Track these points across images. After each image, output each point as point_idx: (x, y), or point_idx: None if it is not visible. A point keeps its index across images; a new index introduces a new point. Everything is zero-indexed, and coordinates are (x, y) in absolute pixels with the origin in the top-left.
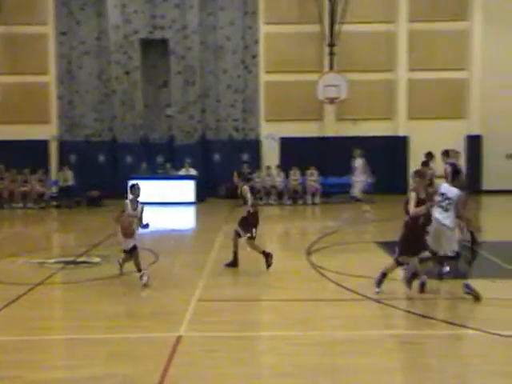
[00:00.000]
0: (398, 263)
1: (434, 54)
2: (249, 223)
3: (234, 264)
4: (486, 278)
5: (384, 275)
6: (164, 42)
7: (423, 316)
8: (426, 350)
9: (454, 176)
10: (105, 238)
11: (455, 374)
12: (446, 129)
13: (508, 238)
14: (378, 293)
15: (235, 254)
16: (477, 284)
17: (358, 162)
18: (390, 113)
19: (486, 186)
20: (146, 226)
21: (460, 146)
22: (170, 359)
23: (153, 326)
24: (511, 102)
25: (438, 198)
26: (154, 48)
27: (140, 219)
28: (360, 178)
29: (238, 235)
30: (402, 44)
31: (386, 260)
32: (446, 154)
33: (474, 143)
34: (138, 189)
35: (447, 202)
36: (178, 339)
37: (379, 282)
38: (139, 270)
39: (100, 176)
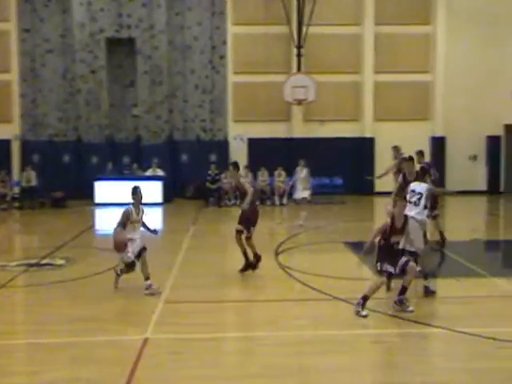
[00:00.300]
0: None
1: (399, 57)
2: (250, 221)
3: (249, 265)
4: (450, 277)
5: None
6: (131, 41)
7: (389, 315)
8: (392, 349)
9: (424, 174)
10: (69, 239)
11: (421, 372)
12: (411, 130)
13: (470, 238)
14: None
15: (245, 254)
16: (442, 283)
17: (302, 173)
18: (357, 114)
19: (448, 186)
20: (155, 231)
21: (425, 147)
22: (137, 362)
23: (118, 329)
24: (473, 104)
25: (408, 196)
26: (121, 47)
27: (144, 224)
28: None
29: (239, 233)
30: (369, 46)
31: (353, 260)
32: (420, 154)
33: (438, 144)
34: (140, 192)
35: (417, 197)
36: (145, 342)
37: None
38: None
39: (64, 176)
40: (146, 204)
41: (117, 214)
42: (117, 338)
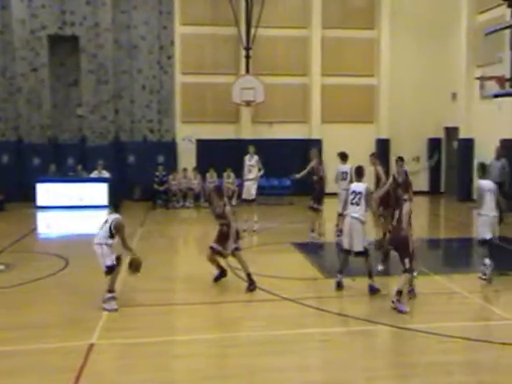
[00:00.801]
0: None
1: (345, 61)
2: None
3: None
4: (395, 275)
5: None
6: (74, 39)
7: (337, 314)
8: (339, 347)
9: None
10: (9, 244)
11: (367, 368)
12: (358, 132)
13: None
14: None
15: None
16: (386, 281)
17: (253, 160)
18: (305, 116)
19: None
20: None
21: (371, 149)
22: (82, 369)
23: (63, 335)
24: (416, 108)
25: (350, 198)
26: (64, 45)
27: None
28: (253, 175)
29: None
30: (316, 49)
31: (302, 261)
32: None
33: (383, 146)
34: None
35: (358, 196)
36: (90, 347)
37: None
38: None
39: (4, 178)
40: (91, 206)
41: (59, 217)
42: (61, 345)
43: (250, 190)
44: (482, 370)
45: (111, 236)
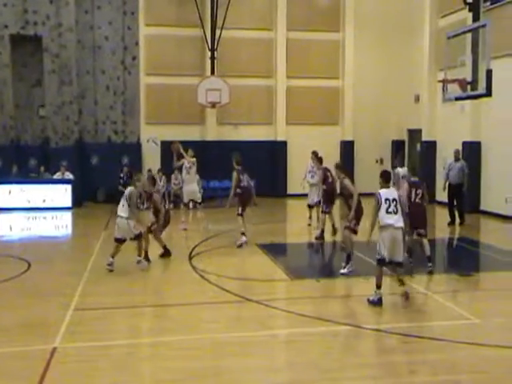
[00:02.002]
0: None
1: (310, 63)
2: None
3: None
4: (358, 276)
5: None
6: (37, 39)
7: (302, 315)
8: (303, 347)
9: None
10: None
11: (331, 369)
12: (323, 134)
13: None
14: None
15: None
16: (349, 282)
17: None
18: (270, 118)
19: (357, 189)
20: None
21: (335, 151)
22: (44, 374)
23: (24, 339)
24: (380, 110)
25: None
26: (26, 45)
27: None
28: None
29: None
30: (281, 51)
31: (267, 262)
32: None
33: (347, 148)
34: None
35: (394, 204)
36: (53, 351)
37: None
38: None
39: None
40: (54, 208)
41: (21, 219)
42: (22, 349)
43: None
44: (445, 369)
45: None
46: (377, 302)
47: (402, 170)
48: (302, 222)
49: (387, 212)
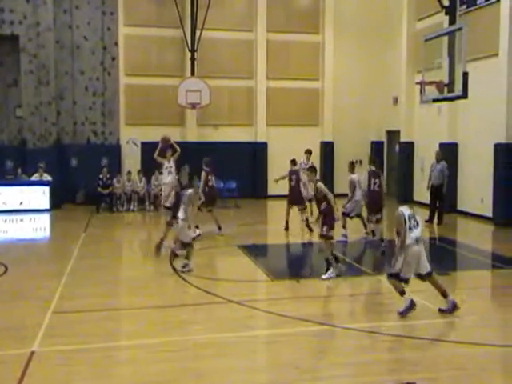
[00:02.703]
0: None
1: (290, 64)
2: None
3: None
4: (338, 276)
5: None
6: (14, 39)
7: (282, 315)
8: (283, 348)
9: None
10: None
11: (311, 369)
12: (303, 135)
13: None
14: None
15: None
16: (330, 282)
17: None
18: (250, 119)
19: (336, 190)
20: None
21: (316, 152)
22: (22, 378)
23: (2, 343)
24: (359, 111)
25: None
26: (3, 44)
27: None
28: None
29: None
30: (261, 53)
31: (248, 263)
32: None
33: (327, 149)
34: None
35: (413, 219)
36: (31, 355)
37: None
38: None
39: None
40: (31, 210)
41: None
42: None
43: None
44: (423, 367)
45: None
46: (409, 307)
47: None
48: (283, 223)
49: (410, 228)
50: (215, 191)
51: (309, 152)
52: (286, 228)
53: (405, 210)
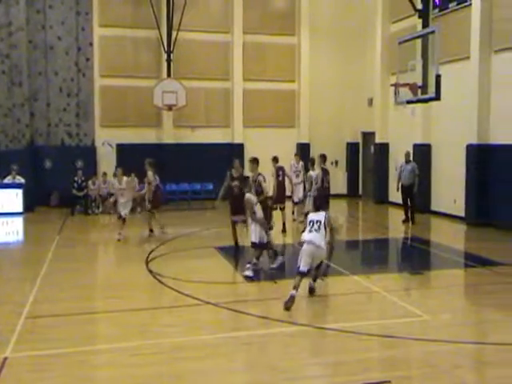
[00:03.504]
0: None
1: (267, 66)
2: None
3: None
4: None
5: None
6: None
7: (259, 316)
8: (261, 349)
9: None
10: None
11: (288, 369)
12: (279, 137)
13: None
14: None
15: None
16: (307, 283)
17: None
18: (227, 120)
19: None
20: None
21: (292, 153)
22: None
23: None
24: (335, 113)
25: None
26: None
27: None
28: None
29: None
30: (237, 54)
31: (224, 265)
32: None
33: (303, 150)
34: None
35: None
36: (4, 362)
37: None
38: None
39: None
40: (4, 214)
41: None
42: None
43: (299, 192)
44: (398, 365)
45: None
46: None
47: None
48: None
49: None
50: (161, 191)
51: (299, 155)
52: (284, 230)
53: (314, 215)
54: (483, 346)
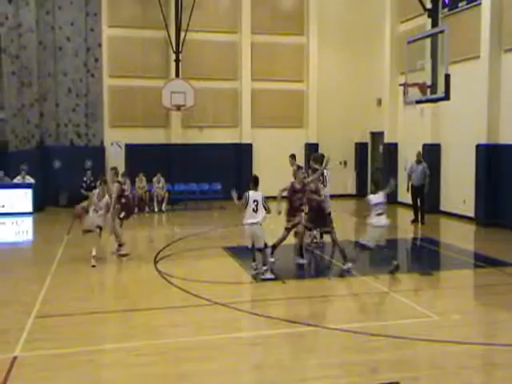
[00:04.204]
0: None
1: (275, 66)
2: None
3: None
4: (323, 276)
5: None
6: None
7: (268, 317)
8: (269, 349)
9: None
10: None
11: (297, 370)
12: (288, 137)
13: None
14: None
15: None
16: (315, 283)
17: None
18: (235, 121)
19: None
20: None
21: (301, 154)
22: (4, 383)
23: None
24: (344, 113)
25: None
26: None
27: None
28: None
29: None
30: (246, 54)
31: (232, 265)
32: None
33: (312, 150)
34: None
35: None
36: (13, 361)
37: None
38: None
39: None
40: (14, 213)
41: None
42: None
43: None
44: (405, 366)
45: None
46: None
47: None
48: (268, 225)
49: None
50: (133, 201)
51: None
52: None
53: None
54: (492, 347)
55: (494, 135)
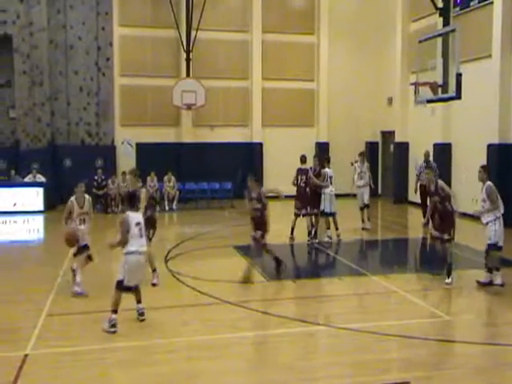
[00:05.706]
0: None
1: (286, 65)
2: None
3: None
4: (333, 276)
5: None
6: (6, 39)
7: (277, 316)
8: (278, 348)
9: None
10: None
11: (304, 369)
12: (298, 136)
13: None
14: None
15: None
16: (325, 282)
17: (364, 166)
18: (246, 120)
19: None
20: None
21: (311, 153)
22: (15, 381)
23: None
24: (354, 112)
25: None
26: None
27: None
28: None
29: None
30: (256, 53)
31: (243, 264)
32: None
33: (323, 150)
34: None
35: None
36: (25, 358)
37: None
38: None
39: None
40: (25, 212)
41: None
42: None
43: (364, 195)
44: (417, 366)
45: None
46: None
47: (329, 171)
48: (278, 224)
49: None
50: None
51: (363, 154)
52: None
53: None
54: (505, 347)
55: (506, 135)
